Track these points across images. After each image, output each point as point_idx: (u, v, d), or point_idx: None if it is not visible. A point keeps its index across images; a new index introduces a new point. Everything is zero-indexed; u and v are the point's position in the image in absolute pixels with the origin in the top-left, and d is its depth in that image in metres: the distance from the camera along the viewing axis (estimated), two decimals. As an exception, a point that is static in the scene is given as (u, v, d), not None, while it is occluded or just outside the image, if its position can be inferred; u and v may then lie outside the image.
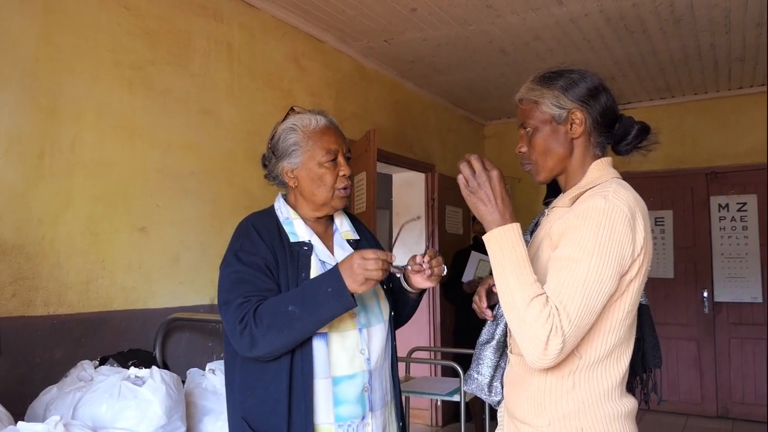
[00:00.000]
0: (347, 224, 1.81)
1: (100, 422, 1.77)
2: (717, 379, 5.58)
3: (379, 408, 1.63)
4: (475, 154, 1.34)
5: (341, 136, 1.72)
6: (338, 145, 1.69)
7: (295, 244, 1.65)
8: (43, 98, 2.40)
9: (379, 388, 1.64)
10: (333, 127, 1.72)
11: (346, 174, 1.69)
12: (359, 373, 1.59)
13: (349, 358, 1.58)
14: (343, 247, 1.74)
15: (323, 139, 1.67)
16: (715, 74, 5.01)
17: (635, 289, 1.32)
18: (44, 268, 2.38)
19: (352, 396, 1.57)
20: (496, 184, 1.31)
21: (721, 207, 5.65)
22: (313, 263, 1.64)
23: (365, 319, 1.64)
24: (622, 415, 1.34)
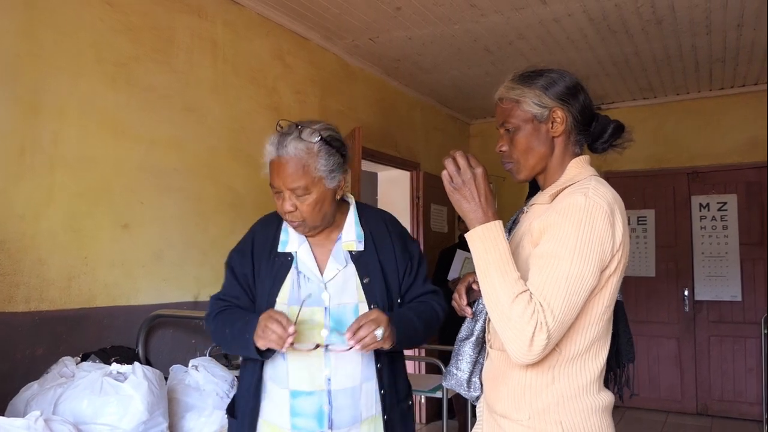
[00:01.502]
0: (354, 233, 1.72)
1: (81, 418, 1.77)
2: (697, 376, 5.65)
3: (346, 426, 1.63)
4: (460, 150, 1.35)
5: (285, 171, 1.58)
6: (278, 179, 1.60)
7: (280, 254, 1.69)
8: (25, 94, 2.39)
9: (349, 407, 1.63)
10: (278, 161, 1.60)
11: (287, 209, 1.61)
12: (317, 392, 1.61)
13: (309, 375, 1.61)
14: (339, 259, 1.69)
15: (270, 171, 1.64)
16: (697, 75, 5.07)
17: (614, 284, 1.34)
18: (25, 265, 2.37)
19: (309, 411, 1.61)
20: (481, 181, 1.32)
21: (702, 206, 5.72)
22: (288, 276, 1.66)
23: (338, 338, 1.61)
24: (599, 409, 1.36)
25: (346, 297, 1.67)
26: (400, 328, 1.58)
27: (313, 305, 1.64)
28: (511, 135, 1.45)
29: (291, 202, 1.60)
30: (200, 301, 3.14)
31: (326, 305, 1.65)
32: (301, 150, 1.58)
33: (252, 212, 3.47)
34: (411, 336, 1.65)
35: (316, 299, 1.64)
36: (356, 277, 1.69)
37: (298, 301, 1.61)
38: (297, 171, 1.58)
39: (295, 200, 1.60)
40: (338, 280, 1.68)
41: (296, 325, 1.49)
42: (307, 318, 1.61)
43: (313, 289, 1.66)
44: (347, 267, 1.69)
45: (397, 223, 1.85)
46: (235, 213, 3.39)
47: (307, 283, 1.67)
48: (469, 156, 1.34)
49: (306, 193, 1.60)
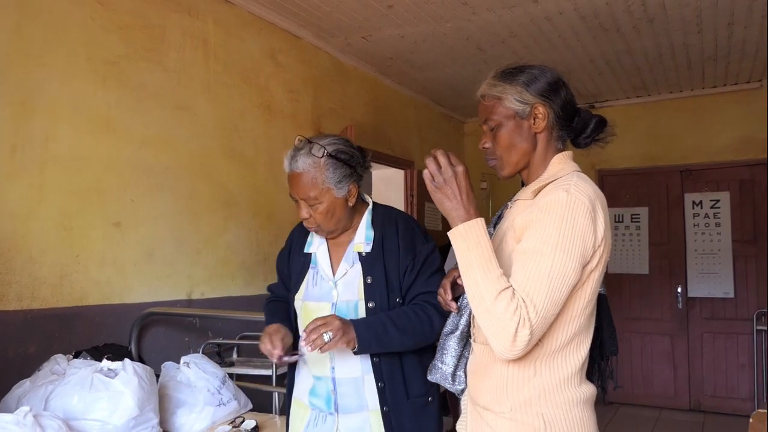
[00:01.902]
0: (363, 236, 1.86)
1: (72, 414, 1.78)
2: (690, 372, 5.68)
3: (352, 412, 1.79)
4: (441, 149, 1.36)
5: (298, 184, 1.77)
6: (293, 191, 1.80)
7: (305, 254, 1.92)
8: (16, 94, 2.40)
9: (352, 395, 1.79)
10: (291, 175, 1.79)
11: (303, 216, 1.81)
12: (325, 378, 1.81)
13: (320, 363, 1.82)
14: (348, 260, 1.85)
15: (288, 182, 1.82)
16: (690, 73, 5.09)
17: (595, 279, 1.35)
18: (17, 263, 2.38)
19: (321, 394, 1.82)
20: (462, 179, 1.33)
21: (695, 204, 5.75)
22: (308, 275, 1.89)
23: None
24: (581, 401, 1.37)
25: (349, 294, 1.81)
26: (365, 334, 1.67)
27: (323, 301, 1.83)
28: (493, 132, 1.46)
29: (306, 210, 1.80)
30: (193, 299, 3.16)
31: (334, 302, 1.81)
32: (309, 164, 1.76)
33: (244, 211, 3.49)
34: (383, 341, 1.71)
35: (326, 295, 1.83)
36: (361, 277, 1.82)
37: (311, 298, 1.85)
38: (307, 183, 1.76)
39: (309, 209, 1.79)
40: (346, 278, 1.84)
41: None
42: (317, 313, 1.79)
43: (325, 286, 1.85)
44: (354, 267, 1.84)
45: (411, 224, 1.90)
46: (227, 211, 3.40)
47: (321, 282, 1.86)
48: (449, 154, 1.35)
49: (317, 202, 1.77)
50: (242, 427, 2.20)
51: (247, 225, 3.53)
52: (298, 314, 1.88)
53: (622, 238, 5.99)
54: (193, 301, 3.16)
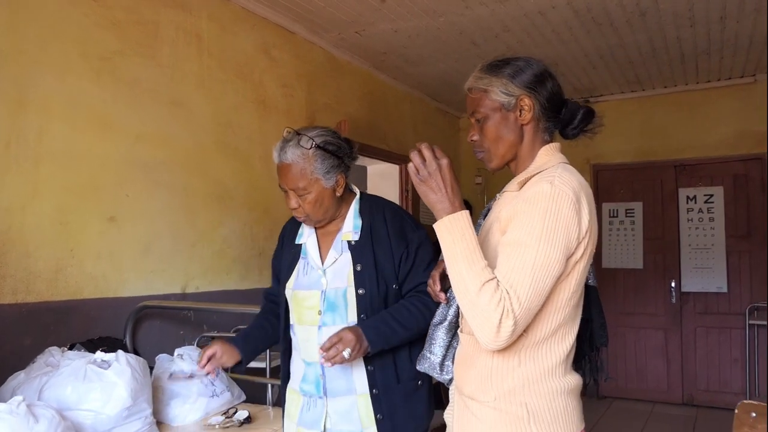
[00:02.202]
0: (351, 225, 1.91)
1: (66, 404, 1.80)
2: (683, 367, 5.72)
3: (339, 395, 1.84)
4: (426, 143, 1.37)
5: (287, 175, 1.83)
6: (285, 184, 1.84)
7: (295, 245, 1.98)
8: (10, 90, 2.41)
9: (340, 378, 1.84)
10: (280, 166, 1.85)
11: (291, 206, 1.86)
12: (314, 363, 1.86)
13: (308, 348, 1.87)
14: (337, 248, 1.89)
15: (277, 174, 1.88)
16: (683, 67, 5.11)
17: (580, 270, 1.37)
18: (12, 257, 2.40)
19: (311, 378, 1.88)
20: (446, 172, 1.34)
21: (689, 199, 5.77)
22: (298, 265, 1.94)
23: (330, 318, 1.84)
24: (565, 391, 1.39)
25: (338, 282, 1.87)
26: (375, 339, 1.75)
27: (312, 289, 1.88)
28: (480, 124, 1.48)
29: (295, 200, 1.84)
30: (188, 293, 3.18)
31: (323, 289, 1.86)
32: (297, 156, 1.81)
33: (239, 206, 3.51)
34: (391, 341, 1.80)
35: (315, 283, 1.88)
36: (350, 265, 1.86)
37: (300, 286, 1.90)
38: (295, 174, 1.81)
39: (298, 198, 1.83)
40: (335, 267, 1.88)
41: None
42: (306, 301, 1.87)
43: (314, 275, 1.90)
44: (343, 255, 1.88)
45: (398, 212, 1.97)
46: (222, 206, 3.42)
47: (311, 271, 1.91)
48: (434, 147, 1.37)
49: (306, 192, 1.82)
50: (235, 418, 2.23)
51: (242, 219, 3.55)
52: (289, 303, 1.93)
53: (617, 232, 6.02)
54: (188, 295, 3.18)
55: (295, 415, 1.91)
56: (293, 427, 1.92)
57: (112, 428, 1.86)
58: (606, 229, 6.05)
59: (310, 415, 1.87)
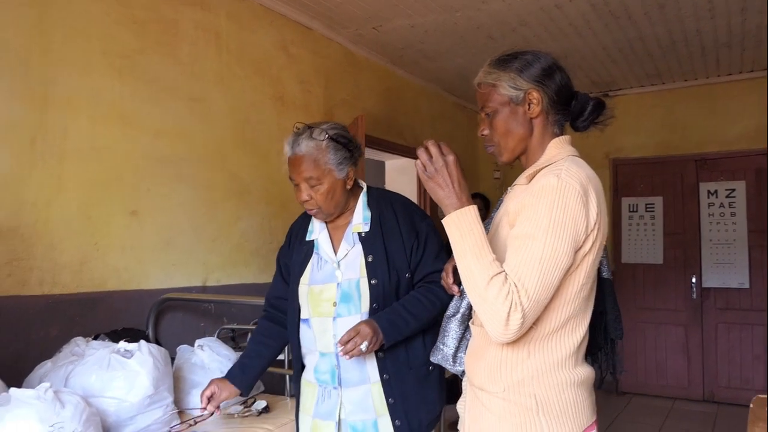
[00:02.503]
0: (361, 217, 1.95)
1: (90, 391, 1.86)
2: (704, 363, 5.67)
3: (353, 385, 1.89)
4: (432, 139, 1.39)
5: (299, 167, 1.86)
6: (293, 174, 1.89)
7: (306, 242, 2.01)
8: (36, 87, 2.48)
9: (354, 368, 1.88)
10: (292, 158, 1.89)
11: (303, 199, 1.90)
12: (329, 354, 1.90)
13: (324, 340, 1.91)
14: (348, 240, 1.94)
15: (288, 166, 1.92)
16: (704, 60, 5.06)
17: (590, 262, 1.38)
18: (38, 250, 2.47)
19: (326, 369, 1.92)
20: (453, 168, 1.36)
21: (710, 193, 5.71)
22: (311, 261, 1.97)
23: (345, 309, 1.88)
24: (575, 383, 1.40)
25: (351, 273, 1.91)
26: (390, 331, 1.81)
27: (328, 282, 1.92)
28: (490, 119, 1.49)
29: (307, 192, 1.88)
30: (208, 285, 3.24)
31: (338, 281, 1.91)
32: (311, 147, 1.86)
33: (258, 200, 3.56)
34: (404, 332, 1.85)
35: (330, 276, 1.92)
36: (362, 256, 1.91)
37: (315, 281, 1.93)
38: (309, 165, 1.85)
39: (310, 190, 1.87)
40: (348, 258, 1.93)
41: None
42: (323, 294, 1.91)
43: (328, 268, 1.94)
44: (355, 247, 1.93)
45: (406, 203, 2.03)
46: (241, 201, 3.48)
47: (324, 265, 1.95)
48: (441, 144, 1.38)
49: (318, 183, 1.86)
50: (253, 408, 2.29)
51: (260, 213, 3.60)
52: (304, 297, 1.96)
53: (636, 227, 5.98)
54: (208, 288, 3.24)
55: (311, 408, 1.95)
56: (309, 420, 1.95)
57: (134, 415, 1.92)
58: (625, 223, 6.02)
59: (324, 406, 1.91)
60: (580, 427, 1.40)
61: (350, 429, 1.88)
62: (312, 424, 1.93)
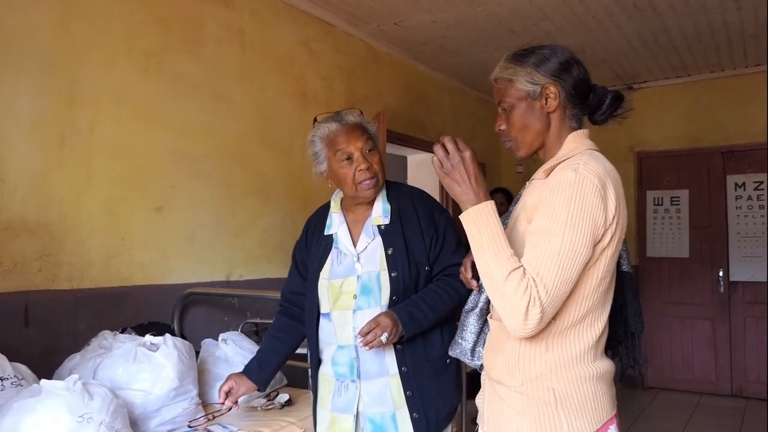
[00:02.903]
0: (381, 209, 1.96)
1: (118, 384, 1.91)
2: (732, 358, 5.59)
3: (372, 377, 1.90)
4: (449, 135, 1.40)
5: (355, 133, 1.91)
6: (350, 144, 1.90)
7: (325, 237, 2.01)
8: (63, 86, 2.54)
9: (373, 361, 1.89)
10: (344, 129, 1.92)
11: (362, 167, 1.89)
12: (348, 347, 1.91)
13: (344, 333, 1.92)
14: (368, 233, 1.95)
15: (336, 142, 1.92)
16: (730, 51, 4.98)
17: (608, 257, 1.37)
18: (67, 245, 2.53)
19: (344, 361, 1.92)
20: (470, 164, 1.37)
21: (738, 186, 5.62)
22: (330, 255, 1.97)
23: (364, 302, 1.89)
24: (594, 377, 1.40)
25: (371, 266, 1.92)
26: (409, 323, 1.82)
27: (348, 275, 1.93)
28: (507, 114, 1.50)
29: (365, 160, 1.90)
30: (232, 280, 3.29)
31: (359, 274, 1.92)
32: (358, 117, 1.96)
33: (280, 196, 3.60)
34: (423, 324, 1.87)
35: (350, 270, 1.93)
36: (382, 248, 1.92)
37: (336, 275, 1.94)
38: (363, 132, 1.92)
39: (368, 157, 1.90)
40: (368, 251, 1.94)
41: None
42: (344, 287, 1.92)
43: (348, 262, 1.95)
44: (375, 239, 1.94)
45: (425, 197, 2.04)
46: (263, 197, 3.52)
47: (344, 258, 1.96)
48: (457, 140, 1.39)
49: (374, 147, 1.92)
50: (276, 401, 2.32)
51: (283, 209, 3.64)
52: (324, 292, 1.96)
53: (662, 221, 5.91)
54: (232, 282, 3.29)
55: (328, 401, 1.95)
56: (327, 414, 1.96)
57: (160, 407, 1.96)
58: (650, 217, 5.95)
59: (342, 400, 1.92)
60: (600, 421, 1.40)
61: (368, 422, 1.89)
62: (330, 418, 1.94)
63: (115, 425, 1.67)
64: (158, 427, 1.96)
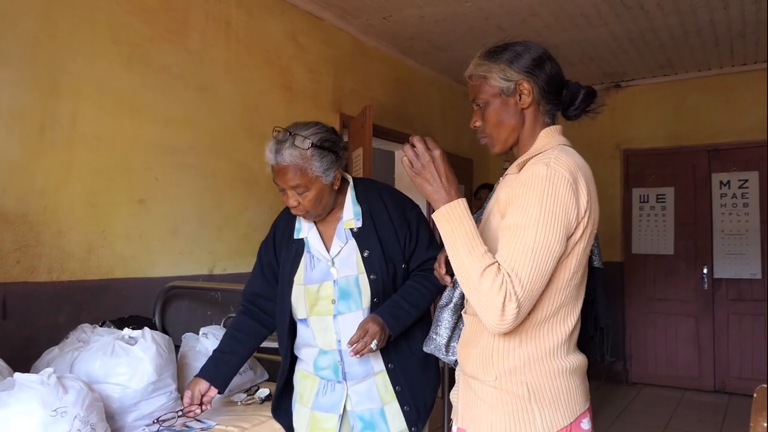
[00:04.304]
0: (352, 212, 1.92)
1: (95, 377, 1.89)
2: (715, 354, 5.64)
3: (357, 378, 1.90)
4: (418, 135, 1.40)
5: (285, 175, 1.79)
6: (283, 183, 1.81)
7: (295, 240, 1.96)
8: (44, 75, 2.51)
9: (358, 363, 1.89)
10: (276, 168, 1.81)
11: (291, 204, 1.83)
12: (331, 351, 1.90)
13: (325, 337, 1.90)
14: (341, 237, 1.91)
15: (273, 173, 1.85)
16: (717, 50, 5.00)
17: (581, 250, 1.38)
18: (47, 237, 2.50)
19: (328, 365, 1.91)
20: (440, 162, 1.36)
21: (723, 184, 5.66)
22: (303, 259, 1.93)
23: (345, 306, 1.88)
24: (567, 371, 1.40)
25: (348, 270, 1.88)
26: (394, 325, 1.83)
27: (324, 280, 1.89)
28: (482, 110, 1.50)
29: (294, 198, 1.82)
30: (215, 274, 3.27)
31: (335, 278, 1.89)
32: (296, 156, 1.77)
33: (265, 189, 3.58)
34: (406, 323, 1.88)
35: (325, 275, 1.89)
36: (357, 252, 1.89)
37: (311, 280, 1.89)
38: (295, 174, 1.78)
39: (298, 197, 1.81)
40: (342, 255, 1.90)
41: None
42: (320, 293, 1.89)
43: (323, 266, 1.90)
44: (348, 243, 1.90)
45: (395, 194, 2.01)
46: (248, 190, 3.50)
47: (318, 263, 1.92)
48: (426, 139, 1.38)
49: (306, 190, 1.80)
50: (257, 396, 2.31)
51: (268, 203, 3.62)
52: (300, 298, 1.92)
53: (647, 218, 5.94)
54: (215, 276, 3.27)
55: (309, 399, 1.94)
56: (306, 411, 1.94)
57: (138, 402, 1.95)
58: (636, 214, 5.98)
59: (327, 399, 1.91)
60: (573, 414, 1.40)
61: (358, 419, 1.89)
62: (311, 416, 1.93)
63: (91, 419, 1.66)
64: (136, 422, 1.95)
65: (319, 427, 1.91)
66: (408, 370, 1.91)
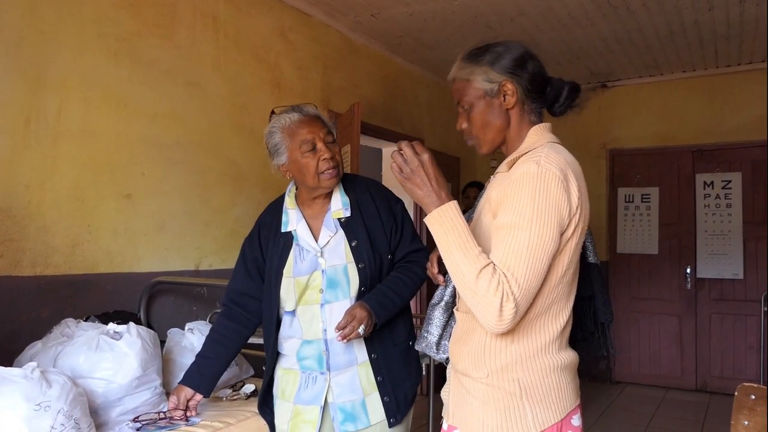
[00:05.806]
0: (340, 202, 1.96)
1: (79, 372, 1.89)
2: (697, 353, 5.71)
3: (341, 368, 1.92)
4: (406, 141, 1.40)
5: (317, 123, 1.91)
6: (313, 134, 1.88)
7: (283, 234, 1.98)
8: (29, 68, 2.49)
9: (343, 353, 1.91)
10: (307, 119, 1.91)
11: (326, 156, 1.88)
12: (316, 341, 1.92)
13: (311, 327, 1.92)
14: (329, 227, 1.94)
15: (299, 133, 1.89)
16: (702, 51, 5.05)
17: (573, 247, 1.39)
18: (31, 231, 2.48)
19: (312, 355, 1.93)
20: (429, 166, 1.37)
21: (707, 184, 5.73)
22: (291, 252, 1.95)
23: (332, 295, 1.91)
24: (558, 368, 1.41)
25: (336, 259, 1.92)
26: (380, 313, 1.86)
27: (313, 270, 1.92)
28: (467, 113, 1.50)
29: (327, 149, 1.89)
30: (201, 269, 3.26)
31: (323, 269, 1.91)
32: (317, 110, 1.97)
33: (253, 185, 3.57)
34: (391, 310, 1.92)
35: (314, 264, 1.92)
36: (345, 241, 1.93)
37: (300, 272, 1.91)
38: (324, 123, 1.93)
39: (330, 147, 1.89)
40: (331, 245, 1.94)
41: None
42: (310, 284, 1.91)
43: (311, 257, 1.93)
44: (337, 233, 1.94)
45: (381, 188, 2.07)
46: (236, 186, 3.49)
47: (307, 254, 1.93)
48: (414, 144, 1.39)
49: (333, 140, 1.92)
50: (242, 391, 2.32)
51: (256, 199, 3.61)
52: (290, 290, 1.93)
53: (632, 218, 6.00)
54: (202, 272, 3.26)
55: (291, 394, 1.94)
56: (289, 406, 1.94)
57: (122, 396, 1.94)
58: (621, 214, 6.04)
59: (309, 392, 1.92)
60: (564, 411, 1.41)
61: (339, 411, 1.90)
62: (293, 410, 1.93)
63: (74, 414, 1.65)
64: (120, 417, 1.94)
65: (301, 420, 1.91)
66: (390, 361, 1.94)
